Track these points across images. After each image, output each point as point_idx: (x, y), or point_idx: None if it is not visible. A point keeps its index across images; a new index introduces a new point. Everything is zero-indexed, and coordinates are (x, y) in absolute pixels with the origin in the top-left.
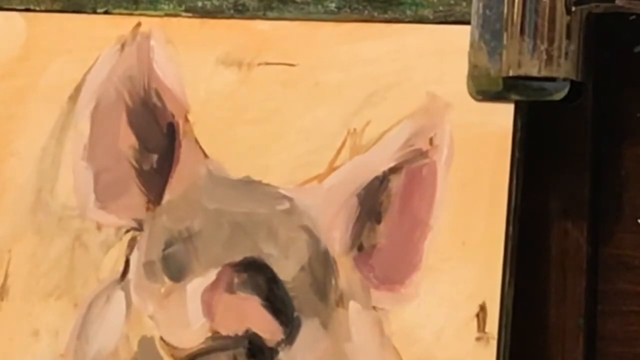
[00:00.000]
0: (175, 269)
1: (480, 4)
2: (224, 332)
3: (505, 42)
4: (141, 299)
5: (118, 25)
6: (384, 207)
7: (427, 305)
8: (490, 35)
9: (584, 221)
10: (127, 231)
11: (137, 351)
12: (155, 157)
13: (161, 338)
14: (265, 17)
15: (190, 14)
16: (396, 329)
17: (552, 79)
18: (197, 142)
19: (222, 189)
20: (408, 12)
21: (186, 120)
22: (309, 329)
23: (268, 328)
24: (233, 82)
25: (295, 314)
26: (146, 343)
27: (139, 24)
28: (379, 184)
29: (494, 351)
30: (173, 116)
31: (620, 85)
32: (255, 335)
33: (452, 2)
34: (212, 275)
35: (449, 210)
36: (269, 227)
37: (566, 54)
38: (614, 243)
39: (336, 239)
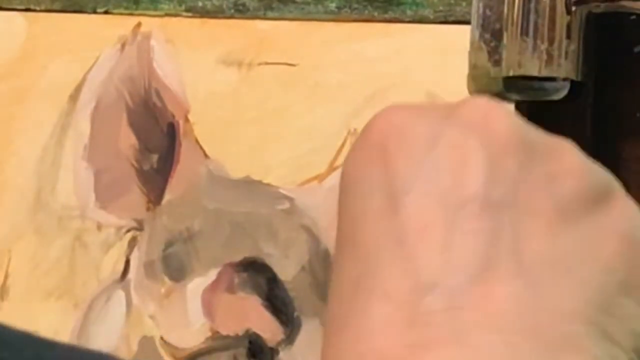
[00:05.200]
0: (175, 268)
1: (480, 4)
2: (224, 332)
3: (505, 42)
4: (141, 299)
5: (118, 25)
6: None
7: None
8: (490, 35)
9: None
10: (128, 231)
11: (137, 351)
12: (155, 157)
13: (161, 338)
14: (265, 17)
15: (190, 14)
16: None
17: (552, 79)
18: (197, 142)
19: (222, 189)
20: (408, 12)
21: (186, 120)
22: (309, 329)
23: (268, 328)
24: (233, 82)
25: (296, 313)
26: (146, 343)
27: (139, 24)
28: None
29: None
30: (173, 116)
31: (620, 85)
32: (255, 335)
33: (452, 2)
34: (212, 275)
35: None
36: (269, 227)
37: (566, 53)
38: None
39: None
